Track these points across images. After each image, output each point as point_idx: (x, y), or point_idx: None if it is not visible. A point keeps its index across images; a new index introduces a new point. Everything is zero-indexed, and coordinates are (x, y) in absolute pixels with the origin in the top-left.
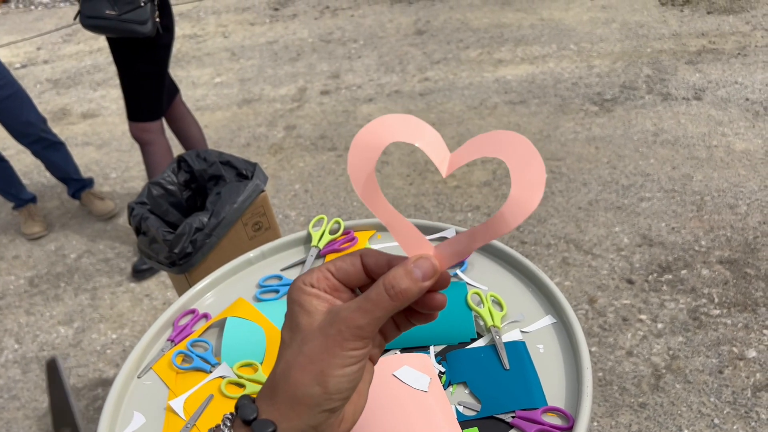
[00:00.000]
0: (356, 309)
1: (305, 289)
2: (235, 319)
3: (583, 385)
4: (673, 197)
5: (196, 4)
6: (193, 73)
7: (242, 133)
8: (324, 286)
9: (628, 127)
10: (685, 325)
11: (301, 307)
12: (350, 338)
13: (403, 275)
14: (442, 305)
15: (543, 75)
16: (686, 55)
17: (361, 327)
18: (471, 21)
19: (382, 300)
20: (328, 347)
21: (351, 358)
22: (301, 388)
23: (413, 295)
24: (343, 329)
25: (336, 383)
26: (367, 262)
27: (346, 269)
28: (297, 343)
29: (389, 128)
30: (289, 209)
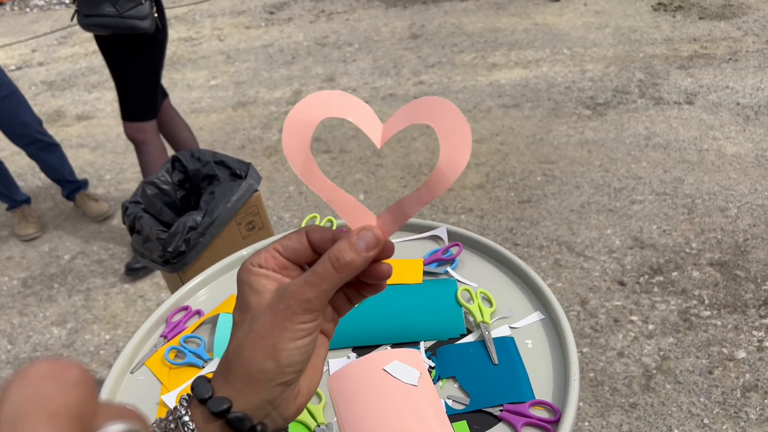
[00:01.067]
0: (304, 283)
1: (253, 270)
2: (227, 315)
3: (570, 379)
4: (664, 200)
5: (191, 7)
6: (189, 76)
7: (237, 136)
8: (272, 265)
9: (621, 131)
10: (675, 326)
11: (250, 287)
12: (299, 312)
13: (347, 247)
14: (387, 274)
15: (536, 79)
16: (678, 60)
17: (309, 300)
18: (465, 25)
19: (329, 273)
20: (278, 322)
21: (301, 331)
22: (253, 364)
23: (358, 266)
24: (292, 303)
25: (288, 356)
26: (312, 238)
27: (293, 247)
28: (247, 322)
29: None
30: (284, 211)
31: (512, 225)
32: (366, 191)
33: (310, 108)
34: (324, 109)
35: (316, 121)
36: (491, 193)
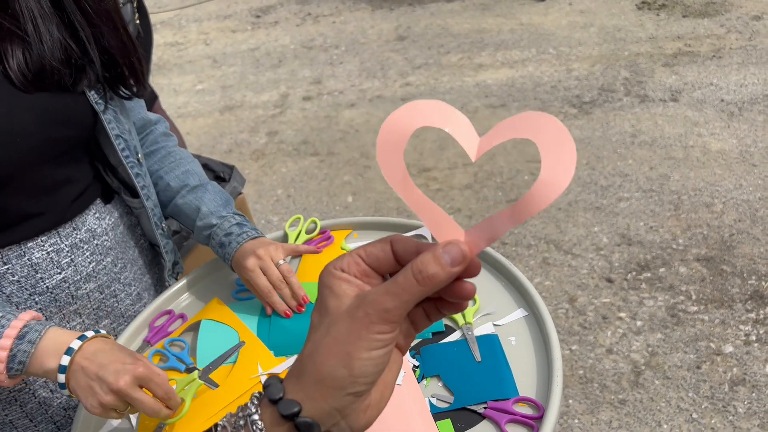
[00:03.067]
0: (384, 292)
1: (335, 273)
2: (209, 322)
3: (553, 375)
4: (650, 197)
5: (177, 11)
6: (175, 81)
7: (224, 140)
8: (354, 270)
9: (607, 129)
10: (663, 322)
11: (330, 291)
12: (377, 321)
13: (431, 260)
14: (471, 294)
15: (523, 79)
16: (663, 58)
17: (388, 310)
18: (452, 26)
19: (410, 284)
20: (354, 329)
21: (377, 341)
22: (326, 370)
23: (441, 281)
24: (371, 312)
25: (361, 366)
26: (396, 249)
27: (376, 254)
28: (324, 326)
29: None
30: (272, 214)
31: None
32: (354, 193)
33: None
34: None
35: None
36: (479, 193)
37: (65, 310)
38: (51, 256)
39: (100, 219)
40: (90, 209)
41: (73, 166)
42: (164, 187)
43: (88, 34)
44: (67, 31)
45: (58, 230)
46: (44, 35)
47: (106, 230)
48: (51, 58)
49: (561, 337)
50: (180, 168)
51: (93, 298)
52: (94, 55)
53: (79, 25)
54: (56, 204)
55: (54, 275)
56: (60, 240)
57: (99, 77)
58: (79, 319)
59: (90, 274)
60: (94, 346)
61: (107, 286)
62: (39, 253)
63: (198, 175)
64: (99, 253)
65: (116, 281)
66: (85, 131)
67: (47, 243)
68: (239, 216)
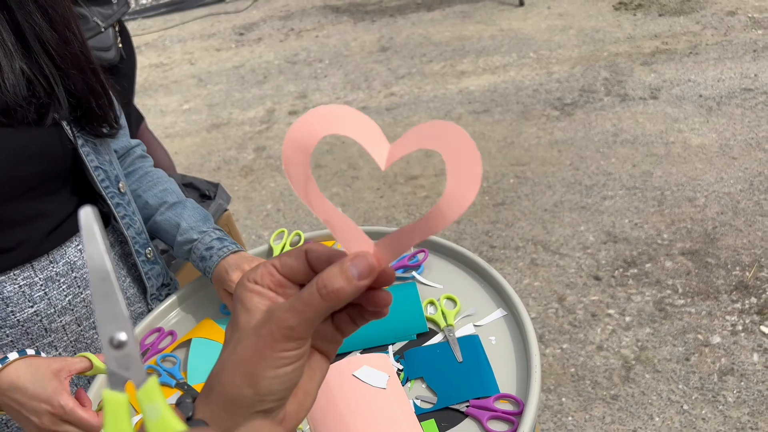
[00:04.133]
0: (289, 309)
1: (248, 286)
2: (200, 339)
3: (531, 371)
4: (634, 194)
5: (161, 33)
6: (161, 101)
7: (212, 158)
8: (268, 282)
9: (589, 129)
10: (651, 316)
11: (242, 305)
12: (281, 339)
13: (337, 274)
14: (386, 303)
15: (505, 84)
16: (641, 57)
17: (292, 328)
18: (433, 35)
19: (314, 300)
20: (258, 348)
21: (283, 359)
22: (232, 389)
23: (348, 295)
24: (274, 330)
25: (267, 385)
26: (310, 258)
27: (291, 265)
28: (233, 343)
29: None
30: (262, 229)
31: (488, 228)
32: (343, 204)
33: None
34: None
35: (317, 138)
36: None
37: (38, 342)
38: (23, 290)
39: (83, 251)
40: (72, 241)
41: (48, 199)
42: (143, 205)
43: (54, 74)
44: (34, 67)
45: (32, 263)
46: (6, 72)
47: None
48: (14, 94)
49: (551, 336)
50: (158, 187)
51: (70, 331)
52: (60, 94)
53: (45, 65)
54: (29, 238)
55: (26, 308)
56: (34, 273)
57: (67, 115)
58: (55, 351)
59: (66, 307)
60: (10, 377)
61: (86, 318)
62: (11, 287)
63: (176, 192)
64: (77, 286)
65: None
66: (57, 165)
67: (20, 276)
68: (219, 231)
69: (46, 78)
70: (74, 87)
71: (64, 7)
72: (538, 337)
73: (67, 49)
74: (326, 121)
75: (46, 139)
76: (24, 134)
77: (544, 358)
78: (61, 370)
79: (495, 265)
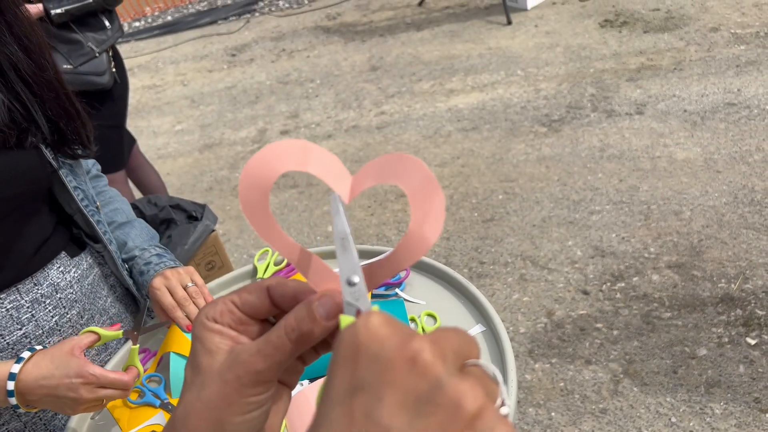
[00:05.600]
0: (255, 353)
1: (207, 325)
2: (176, 356)
3: (509, 385)
4: (621, 208)
5: (154, 54)
6: (154, 123)
7: (204, 178)
8: (228, 320)
9: (576, 145)
10: (639, 329)
11: (202, 345)
12: (249, 384)
13: (305, 316)
14: None
15: (493, 101)
16: (627, 73)
17: (260, 372)
18: (422, 54)
19: (283, 344)
20: (225, 394)
21: (251, 404)
22: None
23: (317, 337)
24: (242, 374)
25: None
26: (273, 295)
27: (252, 302)
28: (197, 387)
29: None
30: (254, 249)
31: (477, 244)
32: None
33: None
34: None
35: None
36: (455, 215)
37: None
38: (11, 313)
39: (65, 272)
40: (54, 263)
41: (29, 222)
42: None
43: (31, 100)
44: (10, 94)
45: (18, 286)
46: None
47: (70, 283)
48: None
49: (540, 351)
50: (110, 206)
51: None
52: (38, 118)
53: (22, 91)
54: (12, 261)
55: (14, 331)
56: (20, 296)
57: (46, 138)
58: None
59: (53, 327)
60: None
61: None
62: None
63: (126, 213)
64: (63, 307)
65: None
66: (36, 186)
67: (7, 300)
68: (161, 248)
69: (24, 104)
70: (51, 112)
71: (38, 35)
72: (527, 352)
73: (42, 75)
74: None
75: (27, 162)
76: (6, 157)
77: (533, 373)
78: (74, 348)
79: (484, 281)
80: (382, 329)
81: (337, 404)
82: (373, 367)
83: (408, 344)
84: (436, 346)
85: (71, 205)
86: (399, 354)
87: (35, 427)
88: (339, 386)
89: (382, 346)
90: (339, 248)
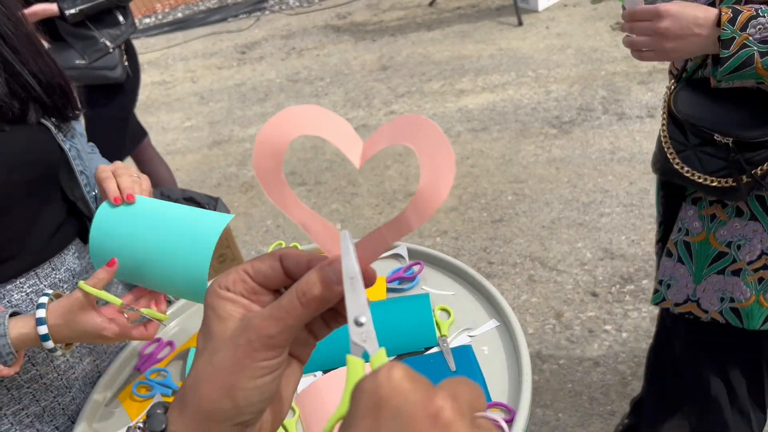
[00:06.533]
0: (267, 317)
1: (219, 293)
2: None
3: (522, 380)
4: (631, 211)
5: (164, 51)
6: (163, 119)
7: (213, 174)
8: (240, 289)
9: (586, 147)
10: (648, 332)
11: (214, 312)
12: (261, 348)
13: (316, 280)
14: None
15: (503, 102)
16: (638, 76)
17: (272, 336)
18: (433, 54)
19: (294, 308)
20: (237, 359)
21: (262, 369)
22: (209, 403)
23: (327, 301)
24: (254, 339)
25: (246, 396)
26: (287, 265)
27: (265, 271)
28: (208, 353)
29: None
30: (262, 245)
31: (486, 244)
32: (343, 220)
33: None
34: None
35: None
36: (465, 215)
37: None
38: (30, 297)
39: (80, 258)
40: (69, 248)
41: (44, 207)
42: None
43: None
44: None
45: (36, 271)
46: None
47: (86, 268)
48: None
49: (549, 352)
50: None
51: None
52: (31, 81)
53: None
54: (30, 245)
55: None
56: (39, 280)
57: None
58: (63, 357)
59: None
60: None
61: None
62: (18, 295)
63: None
64: None
65: None
66: (51, 168)
67: (26, 284)
68: None
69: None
70: (35, 68)
71: None
72: (535, 353)
73: (20, 29)
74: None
75: (39, 143)
76: (20, 140)
77: (542, 374)
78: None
79: (493, 281)
80: (404, 383)
81: None
82: (396, 422)
83: (431, 401)
84: (456, 403)
85: (74, 192)
86: (422, 410)
87: (53, 411)
88: None
89: (405, 400)
90: (348, 288)
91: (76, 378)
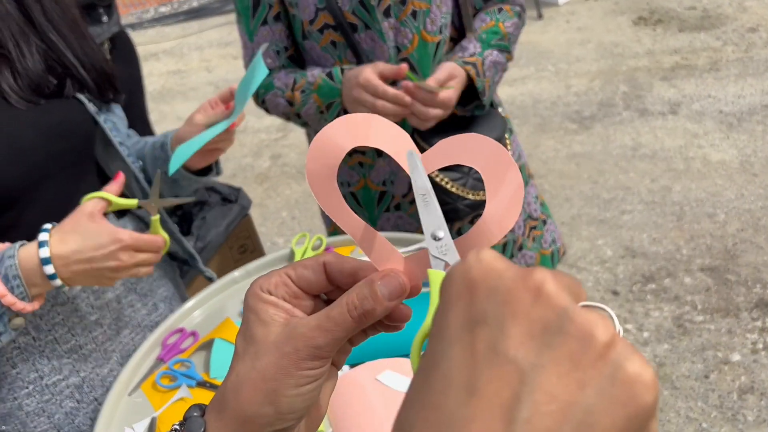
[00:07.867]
0: (315, 327)
1: (262, 296)
2: (221, 341)
3: None
4: (653, 209)
5: (179, 40)
6: (178, 108)
7: (228, 164)
8: (282, 293)
9: (607, 143)
10: (670, 332)
11: (257, 316)
12: (307, 358)
13: (367, 295)
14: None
15: (522, 96)
16: (661, 72)
17: (319, 347)
18: None
19: (345, 321)
20: (282, 366)
21: (307, 377)
22: (251, 407)
23: (378, 316)
24: (300, 348)
25: (289, 403)
26: (330, 271)
27: (308, 277)
28: (250, 357)
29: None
30: (277, 236)
31: None
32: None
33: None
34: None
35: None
36: None
37: (86, 320)
38: None
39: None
40: None
41: (79, 179)
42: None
43: (62, 44)
44: (43, 44)
45: None
46: (24, 50)
47: None
48: (35, 69)
49: None
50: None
51: (112, 308)
52: (72, 61)
53: (53, 36)
54: None
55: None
56: None
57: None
58: (100, 329)
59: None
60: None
61: (124, 296)
62: None
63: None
64: None
65: (132, 291)
66: (87, 141)
67: None
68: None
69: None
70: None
71: None
72: None
73: (65, 14)
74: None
75: (74, 115)
76: (56, 111)
77: None
78: (94, 215)
79: None
80: (497, 263)
81: (456, 341)
82: (494, 300)
83: (529, 275)
84: (558, 279)
85: (111, 166)
86: (521, 285)
87: (92, 383)
88: (454, 323)
89: (500, 277)
90: (420, 204)
91: (113, 350)
